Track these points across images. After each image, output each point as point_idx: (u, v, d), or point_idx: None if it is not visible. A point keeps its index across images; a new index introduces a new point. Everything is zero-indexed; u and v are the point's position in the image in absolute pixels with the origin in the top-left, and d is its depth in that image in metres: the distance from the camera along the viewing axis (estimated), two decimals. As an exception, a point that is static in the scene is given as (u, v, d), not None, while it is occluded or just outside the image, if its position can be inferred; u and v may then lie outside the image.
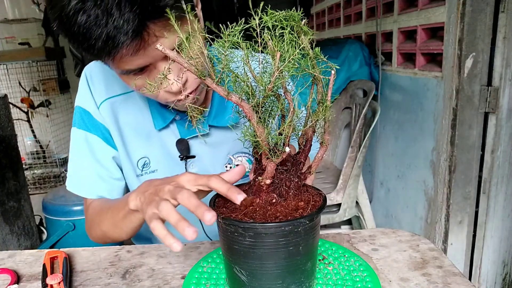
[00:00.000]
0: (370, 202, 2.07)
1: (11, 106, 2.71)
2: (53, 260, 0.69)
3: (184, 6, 0.57)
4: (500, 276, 1.55)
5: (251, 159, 0.88)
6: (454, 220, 1.49)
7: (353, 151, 1.80)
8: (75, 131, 0.85)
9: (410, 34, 1.77)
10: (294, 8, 0.48)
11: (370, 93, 1.82)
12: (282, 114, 0.55)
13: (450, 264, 0.65)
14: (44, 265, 0.67)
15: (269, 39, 0.47)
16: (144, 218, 0.60)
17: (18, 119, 3.53)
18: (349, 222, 2.13)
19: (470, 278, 1.56)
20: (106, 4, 0.54)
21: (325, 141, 0.56)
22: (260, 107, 0.51)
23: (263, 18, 0.46)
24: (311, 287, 0.57)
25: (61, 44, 3.84)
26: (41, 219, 2.40)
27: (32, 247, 2.09)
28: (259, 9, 0.45)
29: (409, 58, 1.78)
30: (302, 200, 0.55)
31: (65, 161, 3.53)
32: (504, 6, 1.28)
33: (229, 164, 0.87)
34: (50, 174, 3.49)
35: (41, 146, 3.78)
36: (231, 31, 0.46)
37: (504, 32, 1.30)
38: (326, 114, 0.53)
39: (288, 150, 0.52)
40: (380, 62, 1.99)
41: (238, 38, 0.46)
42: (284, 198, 0.54)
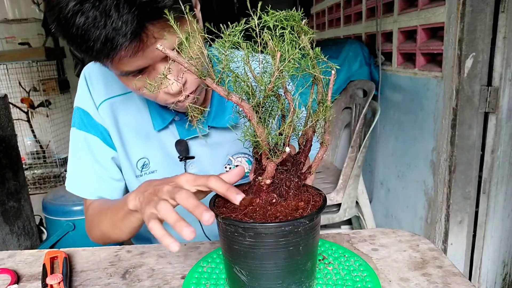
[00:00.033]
0: (370, 202, 2.07)
1: (11, 106, 2.71)
2: (53, 260, 0.69)
3: (182, 7, 0.57)
4: (500, 276, 1.55)
5: (251, 160, 0.88)
6: (454, 220, 1.49)
7: (353, 151, 1.80)
8: (75, 132, 0.85)
9: (410, 34, 1.77)
10: (294, 8, 0.48)
11: (370, 93, 1.82)
12: (282, 114, 0.55)
13: (450, 264, 0.65)
14: (44, 265, 0.67)
15: (269, 39, 0.47)
16: (143, 219, 0.60)
17: (18, 119, 3.54)
18: (349, 222, 2.13)
19: (470, 278, 1.56)
20: (104, 5, 0.54)
21: (325, 141, 0.55)
22: (260, 107, 0.51)
23: (263, 18, 0.46)
24: (311, 287, 0.57)
25: (61, 44, 3.84)
26: (41, 219, 2.40)
27: (32, 247, 2.09)
28: (259, 9, 0.45)
29: (409, 58, 1.78)
30: (302, 200, 0.55)
31: (65, 161, 3.53)
32: (504, 6, 1.28)
33: (228, 164, 0.87)
34: (50, 174, 3.49)
35: (41, 146, 3.78)
36: (232, 31, 0.46)
37: (504, 32, 1.30)
38: (326, 114, 0.53)
39: (288, 150, 0.52)
40: (380, 62, 1.99)
41: (238, 38, 0.46)
42: (284, 198, 0.54)
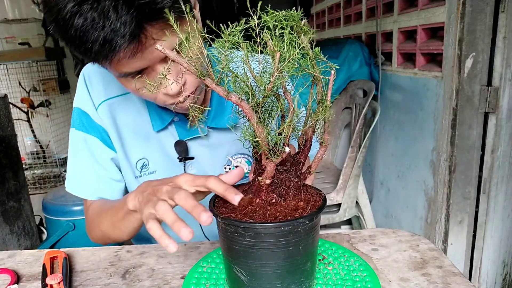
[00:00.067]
0: (370, 202, 2.07)
1: (11, 106, 2.71)
2: (53, 260, 0.69)
3: (183, 7, 0.57)
4: (500, 276, 1.55)
5: (250, 161, 0.88)
6: (454, 220, 1.49)
7: (353, 151, 1.80)
8: (74, 133, 0.85)
9: (410, 34, 1.77)
10: (294, 8, 0.48)
11: (370, 93, 1.82)
12: (281, 114, 0.55)
13: (450, 264, 0.65)
14: (44, 265, 0.67)
15: (269, 39, 0.47)
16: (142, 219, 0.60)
17: (18, 119, 3.53)
18: (349, 222, 2.13)
19: (470, 278, 1.56)
20: (102, 7, 0.53)
21: (324, 141, 0.55)
22: (259, 107, 0.51)
23: (263, 18, 0.46)
24: (311, 287, 0.57)
25: (61, 44, 3.82)
26: (41, 219, 2.40)
27: (32, 247, 2.09)
28: (259, 9, 0.45)
29: (409, 58, 1.78)
30: (301, 200, 0.55)
31: (65, 161, 3.53)
32: (504, 6, 1.28)
33: (228, 165, 0.87)
34: (50, 174, 3.49)
35: (41, 146, 3.78)
36: (231, 31, 0.46)
37: (504, 32, 1.30)
38: (326, 114, 0.53)
39: (287, 150, 0.52)
40: (380, 62, 1.99)
41: (238, 38, 0.46)
42: (283, 198, 0.54)
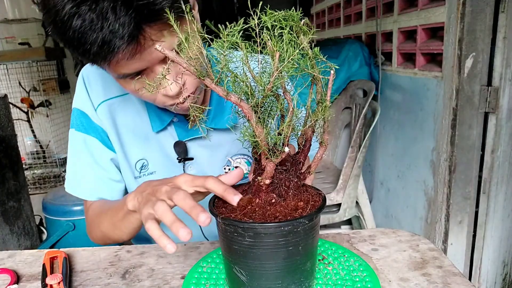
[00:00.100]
0: (370, 202, 2.07)
1: (11, 106, 2.71)
2: (53, 260, 0.69)
3: (183, 7, 0.57)
4: (500, 276, 1.55)
5: (250, 161, 0.88)
6: (454, 220, 1.49)
7: (353, 151, 1.80)
8: (73, 133, 0.84)
9: (410, 34, 1.77)
10: (294, 8, 0.48)
11: (370, 93, 1.82)
12: (281, 114, 0.55)
13: (450, 264, 0.65)
14: (44, 265, 0.67)
15: (268, 39, 0.47)
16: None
17: (18, 119, 3.53)
18: (349, 222, 2.13)
19: (470, 278, 1.56)
20: (101, 8, 0.53)
21: (324, 141, 0.55)
22: (259, 107, 0.51)
23: (262, 18, 0.46)
24: (311, 287, 0.57)
25: (61, 44, 3.83)
26: (41, 219, 2.40)
27: (32, 247, 2.09)
28: (259, 9, 0.45)
29: (409, 58, 1.78)
30: (301, 200, 0.55)
31: (65, 161, 3.52)
32: (504, 6, 1.28)
33: (227, 166, 0.87)
34: (50, 174, 3.49)
35: (41, 146, 3.78)
36: (230, 31, 0.46)
37: (504, 32, 1.30)
38: (326, 114, 0.53)
39: (287, 150, 0.52)
40: (380, 62, 1.99)
41: (237, 38, 0.46)
42: (283, 198, 0.54)
